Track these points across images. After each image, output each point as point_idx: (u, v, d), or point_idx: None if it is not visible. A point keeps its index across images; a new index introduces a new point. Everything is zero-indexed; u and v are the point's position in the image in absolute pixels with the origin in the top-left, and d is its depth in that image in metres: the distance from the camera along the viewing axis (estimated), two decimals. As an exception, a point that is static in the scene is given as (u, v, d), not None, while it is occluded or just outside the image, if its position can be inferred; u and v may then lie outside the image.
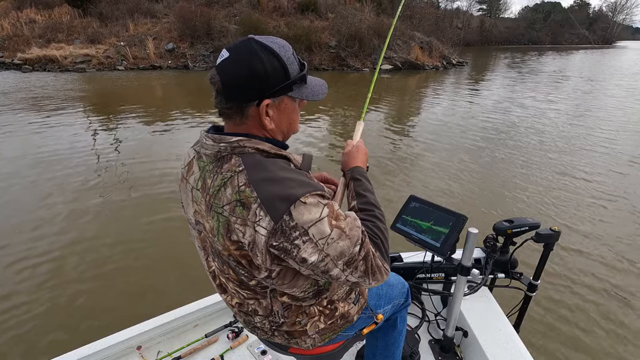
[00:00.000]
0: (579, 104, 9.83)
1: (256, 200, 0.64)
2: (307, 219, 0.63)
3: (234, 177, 0.67)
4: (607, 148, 5.96)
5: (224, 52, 0.70)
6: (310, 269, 0.68)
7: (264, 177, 0.66)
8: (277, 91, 0.71)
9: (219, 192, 0.68)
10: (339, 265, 0.68)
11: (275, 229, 0.63)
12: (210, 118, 7.90)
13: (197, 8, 18.14)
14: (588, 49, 46.82)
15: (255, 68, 0.67)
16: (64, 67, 15.61)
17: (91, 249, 3.13)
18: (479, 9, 60.18)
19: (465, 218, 1.28)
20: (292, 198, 0.63)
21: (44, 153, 5.47)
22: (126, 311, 2.38)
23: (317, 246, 0.65)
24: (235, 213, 0.66)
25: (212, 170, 0.71)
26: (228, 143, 0.70)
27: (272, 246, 0.65)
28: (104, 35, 17.72)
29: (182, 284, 2.64)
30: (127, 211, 3.81)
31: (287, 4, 19.85)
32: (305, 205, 0.64)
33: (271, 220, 0.63)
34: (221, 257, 0.75)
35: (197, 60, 17.32)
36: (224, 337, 1.57)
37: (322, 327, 0.86)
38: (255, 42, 0.69)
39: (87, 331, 1.86)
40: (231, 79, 0.68)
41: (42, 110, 8.35)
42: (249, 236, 0.65)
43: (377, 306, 1.05)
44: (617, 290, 2.65)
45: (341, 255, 0.67)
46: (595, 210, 3.88)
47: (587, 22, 64.76)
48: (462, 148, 5.96)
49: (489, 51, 37.36)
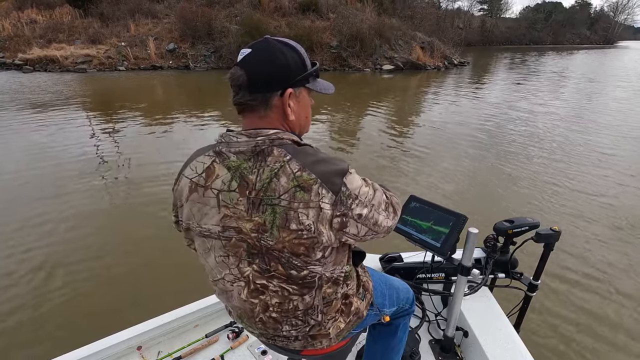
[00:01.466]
0: (582, 106, 9.80)
1: (316, 181, 0.69)
2: (355, 185, 0.73)
3: (285, 166, 0.71)
4: (611, 149, 5.95)
5: (245, 50, 0.75)
6: (365, 224, 0.76)
7: (313, 160, 0.72)
8: (297, 81, 0.76)
9: (270, 184, 0.71)
10: (382, 213, 0.79)
11: (336, 200, 0.71)
12: (211, 119, 7.91)
13: (198, 8, 18.14)
14: (590, 49, 46.74)
15: (278, 59, 0.74)
16: (65, 68, 15.63)
17: (90, 250, 3.13)
18: (480, 9, 60.13)
19: (465, 218, 1.28)
20: (343, 171, 0.72)
21: (42, 152, 5.49)
22: (126, 311, 2.38)
23: (364, 203, 0.75)
24: (297, 198, 0.69)
25: (254, 165, 0.73)
26: (266, 136, 0.73)
27: (336, 216, 0.72)
28: (104, 36, 17.74)
29: (182, 284, 2.64)
30: (126, 211, 3.82)
31: (288, 4, 19.85)
32: (351, 175, 0.74)
33: (333, 194, 0.70)
34: (269, 254, 0.75)
35: (198, 60, 17.34)
36: (224, 337, 1.56)
37: (342, 327, 0.90)
38: (273, 40, 0.76)
39: (87, 331, 1.86)
40: (256, 72, 0.73)
41: (40, 110, 8.36)
42: (313, 216, 0.70)
43: (382, 305, 1.05)
44: (617, 290, 2.64)
45: (379, 203, 0.79)
46: (595, 209, 3.87)
47: (588, 22, 64.65)
48: (462, 148, 5.96)
49: (490, 51, 37.30)
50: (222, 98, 10.31)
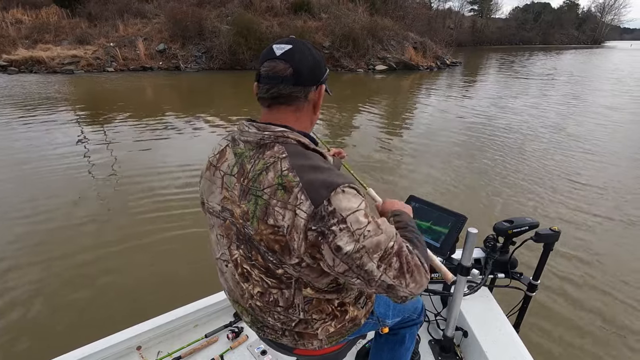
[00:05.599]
0: (575, 104, 9.94)
1: (298, 184, 0.67)
2: (345, 206, 0.65)
3: (277, 163, 0.71)
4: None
5: (283, 46, 0.75)
6: (345, 262, 0.67)
7: (307, 164, 0.70)
8: (324, 79, 0.82)
9: (259, 175, 0.72)
10: (375, 260, 0.67)
11: (315, 212, 0.65)
12: (203, 121, 7.83)
13: (188, 8, 17.99)
14: (578, 49, 47.58)
15: (316, 56, 0.78)
16: (51, 69, 15.37)
17: (89, 249, 3.09)
18: (471, 9, 60.89)
19: (464, 218, 1.27)
20: (333, 185, 0.66)
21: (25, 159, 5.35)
22: (126, 311, 2.36)
23: (353, 235, 0.65)
24: (276, 196, 0.68)
25: (253, 156, 0.75)
26: (272, 132, 0.74)
27: (310, 229, 0.66)
28: (92, 36, 17.48)
29: (183, 282, 2.63)
30: (124, 211, 3.75)
31: (280, 4, 19.80)
32: (344, 194, 0.67)
33: (311, 204, 0.65)
34: (251, 242, 0.76)
35: (189, 61, 17.19)
36: (223, 337, 1.57)
37: (332, 330, 0.87)
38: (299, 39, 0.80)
39: (87, 331, 1.84)
40: (301, 65, 0.75)
41: (23, 113, 8.16)
42: (288, 219, 0.67)
43: (385, 315, 1.02)
44: (617, 291, 2.65)
45: (377, 248, 0.67)
46: (596, 208, 3.89)
47: (576, 22, 65.84)
48: (461, 148, 5.97)
49: (481, 51, 37.75)
50: (215, 100, 10.23)
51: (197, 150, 5.65)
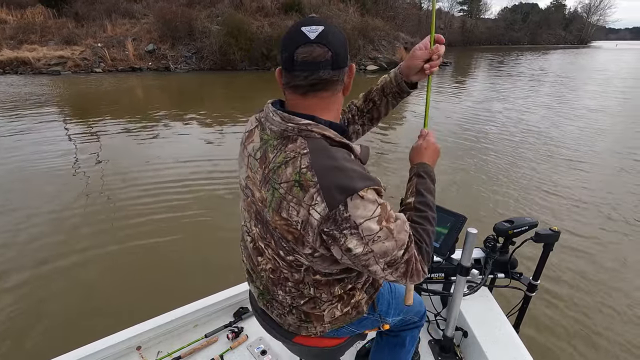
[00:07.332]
0: (568, 101, 10.10)
1: (315, 185, 0.66)
2: (360, 213, 0.65)
3: (297, 159, 0.69)
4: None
5: (315, 27, 0.68)
6: (352, 260, 0.69)
7: (327, 164, 0.67)
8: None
9: (279, 168, 0.71)
10: (380, 263, 0.70)
11: (329, 215, 0.65)
12: (195, 122, 7.73)
13: (177, 8, 17.82)
14: (565, 48, 48.46)
15: (342, 32, 0.73)
16: (37, 70, 15.07)
17: (87, 249, 3.06)
18: (460, 9, 61.56)
19: (464, 218, 1.27)
20: (351, 190, 0.65)
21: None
22: (126, 311, 2.32)
23: (362, 240, 0.66)
24: (292, 192, 0.68)
25: (276, 146, 0.73)
26: (296, 124, 0.71)
27: (323, 232, 0.67)
28: (80, 37, 17.17)
29: (182, 283, 2.61)
30: (123, 211, 3.69)
31: (270, 4, 19.72)
32: (361, 200, 0.65)
33: (327, 207, 0.65)
34: (267, 227, 0.77)
35: (179, 61, 17.01)
36: (223, 337, 1.57)
37: (338, 315, 0.88)
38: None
39: (87, 331, 1.80)
40: (337, 47, 0.70)
41: (7, 116, 7.96)
42: (303, 216, 0.67)
43: (387, 313, 1.02)
44: (617, 291, 2.66)
45: (385, 254, 0.69)
46: (596, 207, 3.90)
47: (563, 22, 67.12)
48: (459, 148, 5.98)
49: (471, 51, 38.13)
50: (206, 101, 10.12)
51: (186, 150, 5.59)
